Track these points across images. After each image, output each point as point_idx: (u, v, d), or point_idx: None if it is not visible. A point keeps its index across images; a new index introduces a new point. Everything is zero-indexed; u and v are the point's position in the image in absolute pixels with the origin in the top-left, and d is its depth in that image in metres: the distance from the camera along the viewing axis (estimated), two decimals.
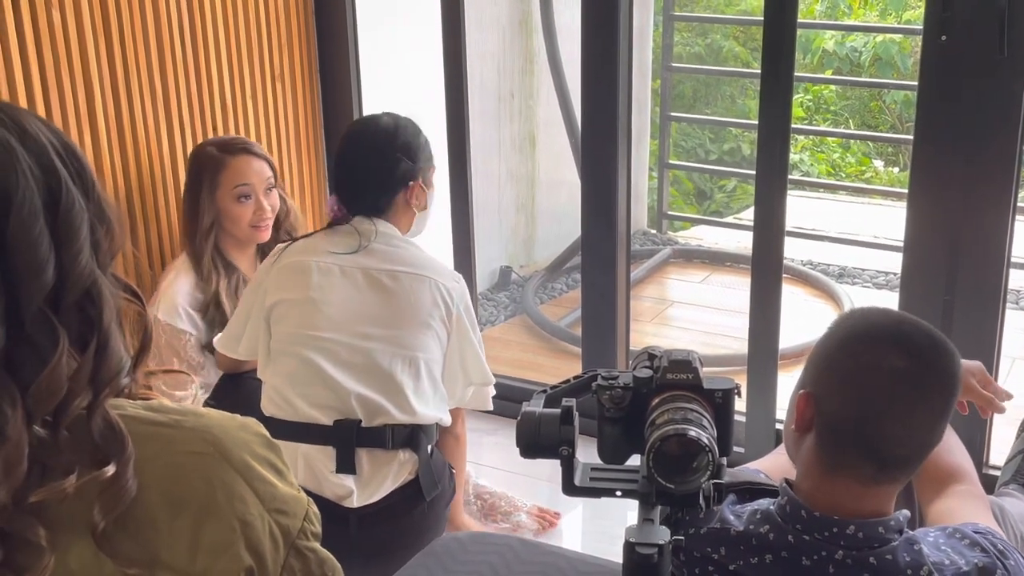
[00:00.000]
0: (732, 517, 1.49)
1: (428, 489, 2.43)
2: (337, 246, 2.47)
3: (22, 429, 0.93)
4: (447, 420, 2.52)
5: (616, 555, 2.29)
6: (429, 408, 2.45)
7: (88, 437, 0.96)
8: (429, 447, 2.46)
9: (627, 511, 2.96)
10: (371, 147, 2.53)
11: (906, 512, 1.45)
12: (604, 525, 3.06)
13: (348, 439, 2.35)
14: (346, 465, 2.35)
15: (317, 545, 1.08)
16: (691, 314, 4.85)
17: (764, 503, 1.50)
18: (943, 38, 2.66)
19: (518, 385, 3.56)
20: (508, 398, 3.42)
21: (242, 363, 2.67)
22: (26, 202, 0.95)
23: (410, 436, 2.40)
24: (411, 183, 2.53)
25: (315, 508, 1.10)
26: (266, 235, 2.98)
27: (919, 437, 1.43)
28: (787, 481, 1.48)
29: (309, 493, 2.27)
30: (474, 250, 3.68)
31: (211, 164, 2.92)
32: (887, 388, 1.41)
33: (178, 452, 1.01)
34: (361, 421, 2.36)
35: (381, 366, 2.39)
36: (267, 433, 1.09)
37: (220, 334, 2.67)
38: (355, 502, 2.35)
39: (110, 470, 0.95)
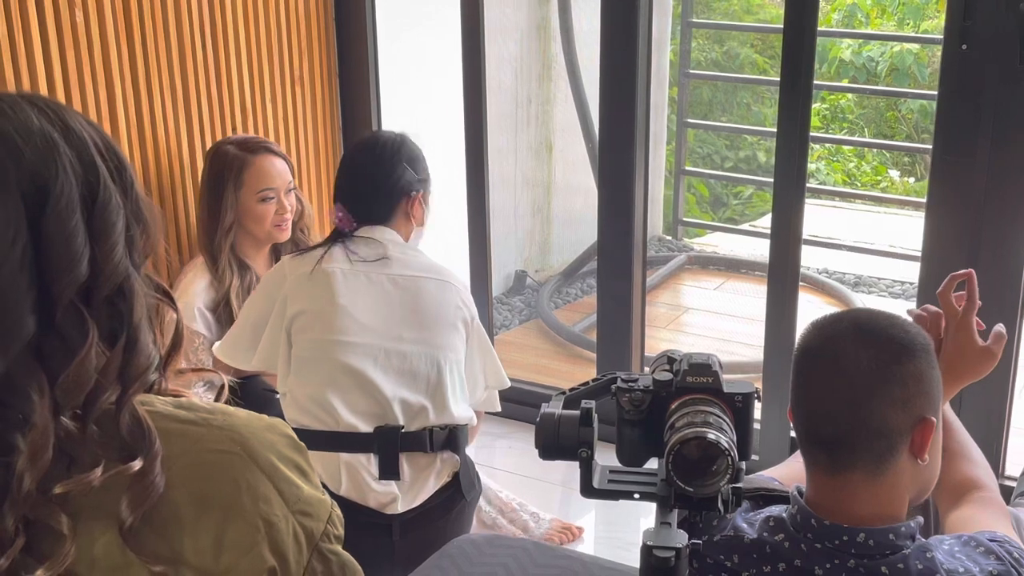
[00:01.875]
0: (745, 525, 1.48)
1: (467, 489, 2.45)
2: (358, 254, 2.48)
3: (49, 418, 0.94)
4: (475, 420, 2.55)
5: (628, 561, 2.30)
6: (462, 408, 2.47)
7: (116, 432, 0.98)
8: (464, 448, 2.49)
9: (639, 517, 2.99)
10: (378, 156, 2.55)
11: (919, 519, 1.44)
12: (616, 531, 3.06)
13: (391, 445, 2.35)
14: (389, 471, 2.35)
15: (339, 548, 1.09)
16: (706, 320, 4.85)
17: (776, 510, 1.49)
18: (963, 47, 2.66)
19: (532, 389, 3.56)
20: (522, 402, 3.43)
21: (241, 374, 2.66)
22: (64, 195, 0.97)
23: (448, 438, 2.42)
24: (413, 193, 2.56)
25: (338, 511, 1.10)
26: (287, 234, 3.01)
27: (847, 413, 1.41)
28: (798, 489, 1.48)
29: (352, 503, 2.30)
30: (490, 254, 3.68)
31: (235, 163, 2.93)
32: (803, 370, 1.45)
33: (205, 450, 1.02)
34: (403, 426, 2.37)
35: (420, 369, 2.41)
36: (293, 434, 1.10)
37: (220, 343, 2.64)
38: (399, 507, 2.36)
39: (136, 465, 0.96)
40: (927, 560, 1.38)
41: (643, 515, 3.01)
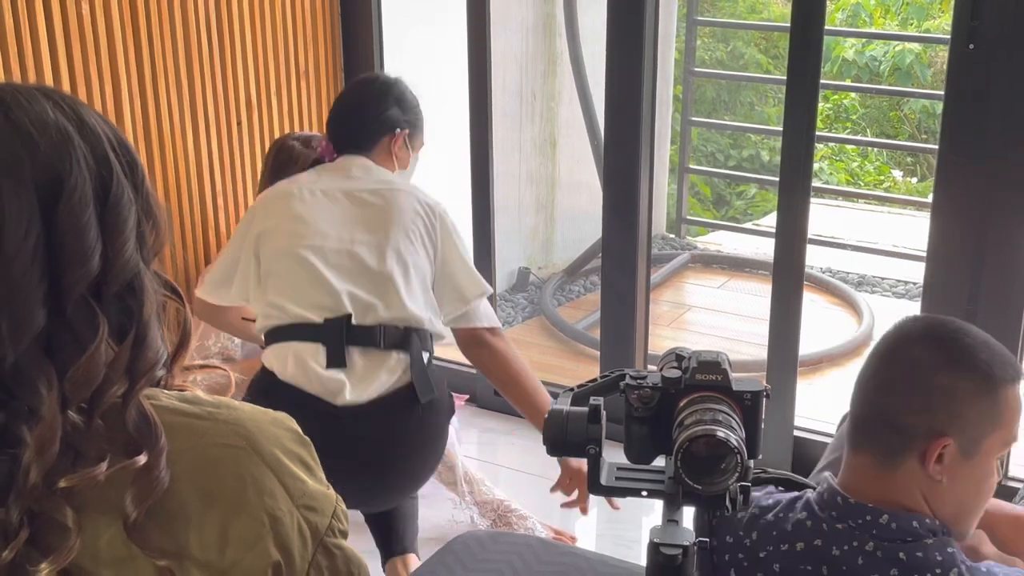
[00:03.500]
0: (770, 502, 1.50)
1: (423, 392, 2.38)
2: (322, 177, 2.54)
3: (56, 411, 0.94)
4: (441, 330, 2.50)
5: (631, 559, 2.30)
6: (420, 308, 2.43)
7: (122, 426, 0.97)
8: (425, 355, 2.43)
9: (643, 515, 2.98)
10: (368, 89, 2.64)
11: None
12: (619, 528, 3.06)
13: (338, 335, 2.34)
14: (337, 360, 2.33)
15: (345, 543, 1.08)
16: (709, 319, 4.85)
17: (806, 492, 1.51)
18: (971, 47, 2.65)
19: None
20: None
21: (222, 312, 2.67)
22: (78, 188, 0.97)
23: (402, 338, 2.39)
24: (397, 131, 2.59)
25: (343, 506, 1.10)
26: None
27: (873, 397, 1.47)
28: (831, 475, 1.50)
29: (298, 389, 2.29)
30: (494, 251, 3.68)
31: (300, 160, 2.88)
32: (874, 348, 1.51)
33: (210, 444, 1.02)
34: (351, 317, 2.36)
35: (370, 266, 2.41)
36: (299, 429, 1.10)
37: (201, 286, 2.66)
38: (347, 397, 2.32)
39: (141, 459, 0.96)
40: (947, 554, 1.39)
41: (646, 513, 3.00)
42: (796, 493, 1.52)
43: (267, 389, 2.36)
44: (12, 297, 0.93)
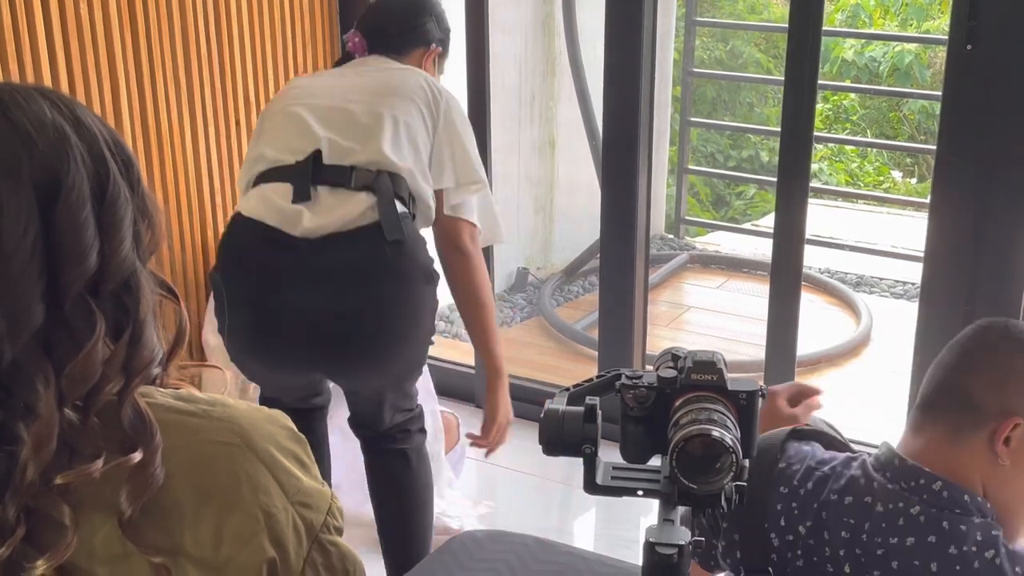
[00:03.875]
0: (827, 456, 1.54)
1: (390, 230, 2.26)
2: (342, 70, 2.53)
3: (54, 408, 0.94)
4: (424, 191, 2.39)
5: (629, 559, 2.30)
6: (402, 158, 2.34)
7: (118, 424, 0.98)
8: (400, 204, 2.32)
9: (640, 515, 2.99)
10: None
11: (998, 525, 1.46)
12: (616, 528, 3.06)
13: (306, 173, 2.28)
14: (302, 195, 2.27)
15: (340, 540, 1.09)
16: (707, 319, 4.85)
17: (860, 454, 1.55)
18: (968, 47, 2.66)
19: (533, 387, 3.56)
20: (523, 399, 3.42)
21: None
22: (76, 187, 0.97)
23: (374, 180, 2.29)
24: (433, 46, 2.59)
25: (339, 503, 1.10)
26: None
27: (950, 376, 1.49)
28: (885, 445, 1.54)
29: (256, 221, 2.26)
30: (492, 251, 3.68)
31: None
32: (948, 349, 1.53)
33: (205, 441, 1.02)
34: (322, 153, 2.30)
35: (359, 119, 2.35)
36: (294, 426, 1.10)
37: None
38: (304, 224, 2.24)
39: (136, 457, 0.96)
40: (990, 536, 1.40)
41: (643, 513, 3.01)
42: (850, 453, 1.56)
43: (230, 227, 2.33)
44: (10, 295, 0.94)
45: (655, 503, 1.34)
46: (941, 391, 1.50)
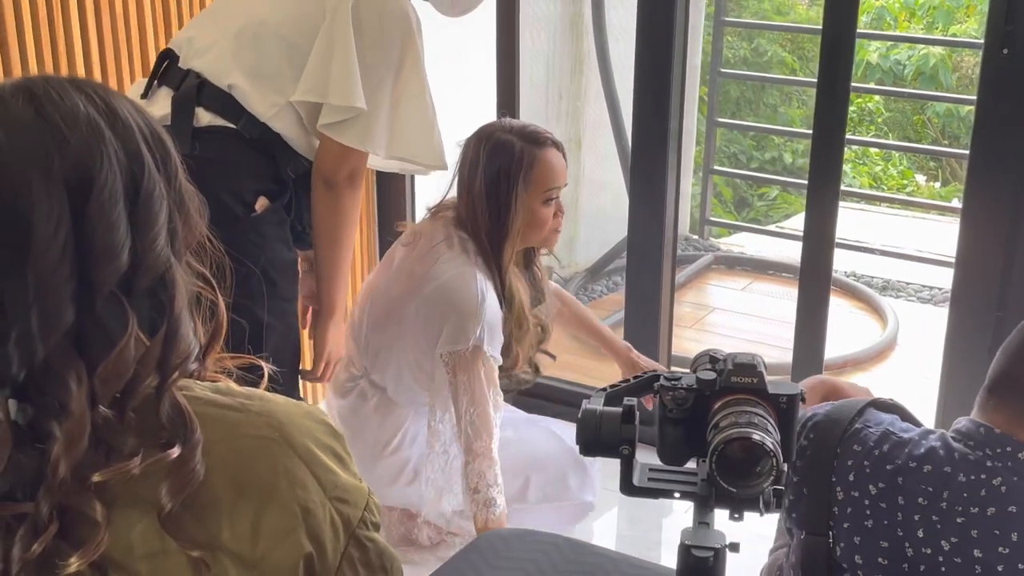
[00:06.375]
0: (904, 425, 1.54)
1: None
2: None
3: (85, 406, 0.94)
4: (261, 108, 2.25)
5: (653, 560, 2.29)
6: (222, 61, 2.26)
7: (155, 419, 0.98)
8: (209, 114, 2.23)
9: (663, 517, 2.98)
10: None
11: None
12: (640, 530, 3.05)
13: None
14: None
15: (377, 535, 1.09)
16: (732, 321, 4.83)
17: (937, 429, 1.55)
18: (1004, 51, 2.64)
19: (557, 385, 3.55)
20: (547, 398, 3.42)
21: None
22: (108, 185, 0.96)
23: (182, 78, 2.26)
24: None
25: (376, 499, 1.10)
26: (557, 242, 2.68)
27: (1004, 362, 1.50)
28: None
29: None
30: None
31: (524, 159, 2.49)
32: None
33: (243, 436, 1.02)
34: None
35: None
36: (331, 421, 1.10)
37: None
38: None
39: (174, 452, 0.96)
40: None
41: (666, 515, 2.99)
42: (928, 427, 1.56)
43: None
44: (41, 294, 0.93)
45: (678, 505, 1.33)
46: (1004, 378, 1.51)
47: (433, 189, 3.57)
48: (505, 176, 2.48)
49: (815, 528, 1.52)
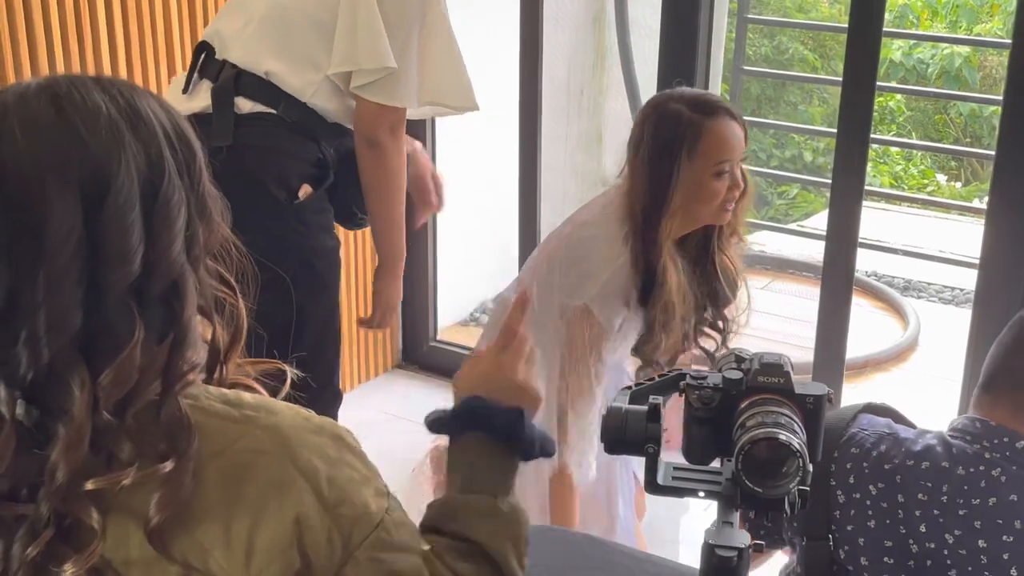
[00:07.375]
0: (900, 427, 1.57)
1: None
2: None
3: (86, 412, 0.93)
4: (295, 82, 2.28)
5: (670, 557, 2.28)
6: (262, 53, 2.27)
7: (155, 428, 0.97)
8: (250, 102, 2.26)
9: (679, 516, 2.96)
10: None
11: None
12: (656, 529, 3.04)
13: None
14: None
15: (389, 555, 1.06)
16: (752, 320, 4.80)
17: (932, 428, 1.58)
18: None
19: None
20: None
21: None
22: (124, 191, 0.95)
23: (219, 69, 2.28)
24: None
25: (396, 517, 1.07)
26: (729, 216, 2.42)
27: (999, 357, 1.55)
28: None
29: None
30: (539, 242, 3.67)
31: (691, 129, 2.27)
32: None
33: (243, 450, 1.00)
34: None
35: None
36: (346, 436, 1.08)
37: None
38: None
39: (168, 466, 0.95)
40: None
41: (683, 512, 2.98)
42: (923, 428, 1.59)
43: None
44: (50, 296, 0.93)
45: (695, 503, 1.33)
46: (994, 371, 1.55)
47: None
48: (668, 147, 2.26)
49: (815, 533, 1.53)
